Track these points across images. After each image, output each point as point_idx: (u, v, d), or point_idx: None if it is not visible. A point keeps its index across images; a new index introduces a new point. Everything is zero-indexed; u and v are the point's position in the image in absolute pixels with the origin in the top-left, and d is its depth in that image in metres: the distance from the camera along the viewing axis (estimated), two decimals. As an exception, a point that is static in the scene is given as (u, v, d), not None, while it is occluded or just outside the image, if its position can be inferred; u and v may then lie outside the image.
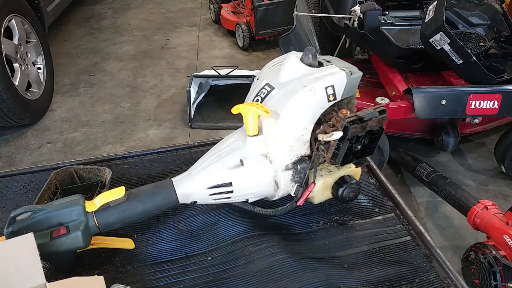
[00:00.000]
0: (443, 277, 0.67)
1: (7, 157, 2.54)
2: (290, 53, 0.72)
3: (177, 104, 3.02)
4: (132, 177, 0.89)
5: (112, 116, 2.91)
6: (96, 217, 0.65)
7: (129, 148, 2.60)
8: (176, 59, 3.67)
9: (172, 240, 0.75)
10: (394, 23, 2.20)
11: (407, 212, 0.79)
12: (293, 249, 0.71)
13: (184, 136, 2.70)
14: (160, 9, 4.81)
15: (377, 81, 2.33)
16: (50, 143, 2.66)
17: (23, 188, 0.87)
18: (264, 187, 0.72)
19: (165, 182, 0.71)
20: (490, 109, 1.84)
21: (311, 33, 2.48)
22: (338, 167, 0.74)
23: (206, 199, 0.71)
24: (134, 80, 3.35)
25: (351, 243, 0.74)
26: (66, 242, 0.63)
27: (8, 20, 2.59)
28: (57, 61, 3.47)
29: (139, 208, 0.68)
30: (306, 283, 0.65)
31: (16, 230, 0.62)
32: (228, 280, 0.67)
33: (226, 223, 0.77)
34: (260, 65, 3.45)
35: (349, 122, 0.63)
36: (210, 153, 0.74)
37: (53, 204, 0.65)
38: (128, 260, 0.71)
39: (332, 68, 0.69)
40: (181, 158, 0.95)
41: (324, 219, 0.78)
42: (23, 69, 2.71)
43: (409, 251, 0.72)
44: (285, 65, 0.70)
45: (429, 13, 1.88)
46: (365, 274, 0.68)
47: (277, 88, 0.69)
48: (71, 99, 3.12)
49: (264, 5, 3.52)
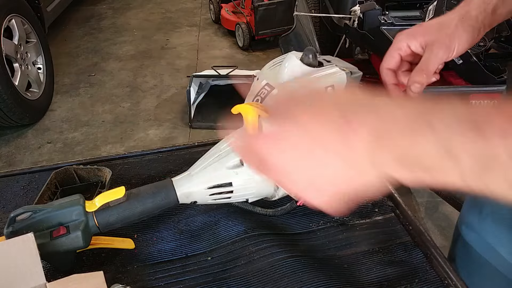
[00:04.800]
0: (443, 277, 0.67)
1: (7, 157, 2.54)
2: (290, 53, 0.72)
3: (177, 104, 3.02)
4: (132, 177, 0.89)
5: (112, 116, 2.91)
6: (96, 217, 0.65)
7: (129, 148, 2.60)
8: (176, 59, 3.67)
9: (172, 240, 0.75)
10: (394, 23, 2.20)
11: (407, 212, 0.79)
12: (293, 249, 0.71)
13: (184, 136, 2.70)
14: (160, 9, 4.82)
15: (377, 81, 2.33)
16: (50, 143, 2.66)
17: (23, 188, 0.87)
18: (264, 187, 0.72)
19: (165, 182, 0.71)
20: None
21: (311, 33, 2.48)
22: (338, 167, 0.74)
23: (206, 199, 0.71)
24: (134, 80, 3.35)
25: (351, 243, 0.74)
26: (66, 242, 0.63)
27: (8, 20, 2.59)
28: (57, 61, 3.47)
29: (139, 208, 0.67)
30: (306, 283, 0.65)
31: (16, 230, 0.62)
32: (228, 280, 0.67)
33: (226, 223, 0.77)
34: (260, 65, 3.45)
35: (349, 122, 0.63)
36: (210, 153, 0.73)
37: (53, 204, 0.65)
38: (128, 260, 0.71)
39: (332, 68, 0.69)
40: (181, 158, 0.95)
41: (324, 219, 0.78)
42: (23, 69, 2.71)
43: (409, 251, 0.72)
44: (285, 65, 0.70)
45: (429, 13, 1.88)
46: (365, 274, 0.68)
47: (277, 88, 0.69)
48: (71, 99, 3.12)
49: (264, 5, 3.52)
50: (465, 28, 0.65)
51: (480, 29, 0.66)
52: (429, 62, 0.65)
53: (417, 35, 0.66)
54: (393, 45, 0.69)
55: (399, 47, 0.68)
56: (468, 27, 0.65)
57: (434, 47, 0.65)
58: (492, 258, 0.78)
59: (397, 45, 0.68)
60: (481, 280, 0.82)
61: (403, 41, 0.67)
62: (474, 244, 0.82)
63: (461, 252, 0.87)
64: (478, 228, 0.80)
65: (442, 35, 0.65)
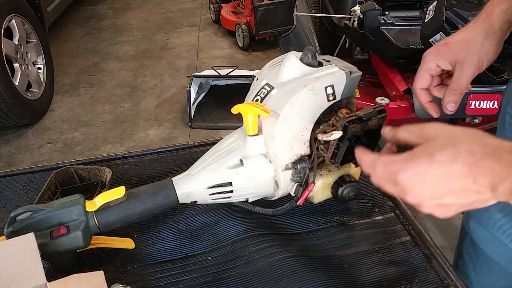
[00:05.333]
0: (443, 277, 0.67)
1: (7, 157, 2.54)
2: (290, 53, 0.72)
3: (177, 104, 3.02)
4: (132, 177, 0.89)
5: (112, 116, 2.91)
6: (96, 216, 0.65)
7: (129, 148, 2.60)
8: (176, 59, 3.67)
9: (172, 240, 0.75)
10: (394, 23, 2.20)
11: (407, 212, 0.79)
12: (293, 249, 0.71)
13: (184, 136, 2.70)
14: (160, 9, 4.82)
15: (377, 81, 2.33)
16: (50, 143, 2.66)
17: (23, 188, 0.87)
18: (264, 186, 0.72)
19: (165, 181, 0.71)
20: (490, 109, 1.84)
21: (311, 33, 2.48)
22: (337, 167, 0.74)
23: (206, 199, 0.71)
24: (134, 80, 3.35)
25: (351, 243, 0.74)
26: (66, 241, 0.63)
27: (8, 20, 2.59)
28: (57, 61, 3.47)
29: (139, 208, 0.68)
30: (306, 283, 0.65)
31: (16, 230, 0.62)
32: (228, 280, 0.67)
33: (226, 223, 0.77)
34: (260, 65, 3.45)
35: (348, 122, 0.63)
36: (210, 153, 0.74)
37: (53, 204, 0.65)
38: (128, 260, 0.71)
39: (332, 68, 0.69)
40: (181, 158, 0.95)
41: (324, 219, 0.78)
42: (23, 69, 2.71)
43: (409, 251, 0.72)
44: (284, 65, 0.70)
45: (429, 13, 1.88)
46: (365, 274, 0.68)
47: (276, 88, 0.69)
48: (71, 99, 3.12)
49: (264, 5, 3.52)
50: (490, 43, 0.67)
51: (502, 39, 0.69)
52: (461, 80, 0.67)
53: (445, 54, 0.68)
54: (422, 66, 0.71)
55: (428, 68, 0.70)
56: (493, 41, 0.68)
57: (464, 65, 0.67)
58: (501, 253, 0.79)
59: (426, 66, 0.70)
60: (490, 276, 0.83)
61: (432, 61, 0.69)
62: (483, 240, 0.82)
63: (468, 248, 0.88)
64: (487, 224, 0.80)
65: (470, 53, 0.67)
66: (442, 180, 0.45)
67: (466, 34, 0.68)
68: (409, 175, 0.46)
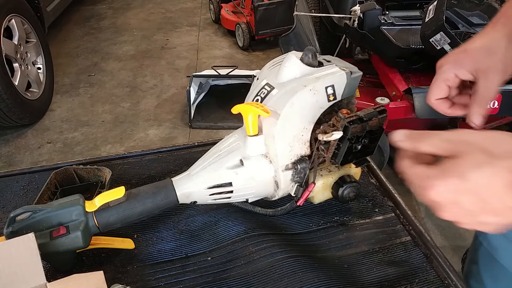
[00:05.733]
0: (443, 277, 0.67)
1: (7, 157, 2.54)
2: (290, 53, 0.72)
3: (177, 104, 3.02)
4: (132, 177, 0.89)
5: (112, 116, 2.91)
6: (96, 217, 0.65)
7: (129, 148, 2.60)
8: (176, 59, 3.67)
9: (172, 240, 0.75)
10: (394, 23, 2.20)
11: (407, 212, 0.79)
12: (293, 249, 0.71)
13: (184, 136, 2.70)
14: (160, 9, 4.82)
15: (377, 81, 2.33)
16: (50, 143, 2.66)
17: (23, 188, 0.87)
18: (264, 187, 0.72)
19: (165, 182, 0.71)
20: (490, 109, 1.84)
21: (311, 33, 2.48)
22: (338, 167, 0.74)
23: (206, 199, 0.71)
24: (134, 80, 3.35)
25: (351, 243, 0.74)
26: (66, 242, 0.63)
27: (8, 20, 2.59)
28: (57, 61, 3.47)
29: (139, 208, 0.67)
30: (306, 283, 0.65)
31: (16, 230, 0.62)
32: (228, 280, 0.67)
33: (226, 223, 0.77)
34: (260, 65, 3.45)
35: (349, 122, 0.62)
36: (210, 153, 0.73)
37: (53, 204, 0.65)
38: (128, 260, 0.71)
39: (332, 68, 0.69)
40: (181, 158, 0.95)
41: (324, 219, 0.78)
42: (23, 69, 2.71)
43: (409, 251, 0.72)
44: (285, 65, 0.70)
45: (429, 13, 1.88)
46: (365, 274, 0.68)
47: (277, 88, 0.69)
48: (71, 99, 3.12)
49: (264, 5, 3.52)
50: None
51: None
52: (487, 91, 0.61)
53: (464, 63, 0.62)
54: (438, 76, 0.64)
55: (446, 78, 0.64)
56: None
57: (489, 74, 0.61)
58: None
59: (444, 75, 0.64)
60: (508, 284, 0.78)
61: (450, 71, 0.63)
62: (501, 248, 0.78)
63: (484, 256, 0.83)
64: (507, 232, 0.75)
65: (495, 60, 0.61)
66: (478, 201, 0.42)
67: (487, 40, 0.62)
68: (439, 193, 0.43)
